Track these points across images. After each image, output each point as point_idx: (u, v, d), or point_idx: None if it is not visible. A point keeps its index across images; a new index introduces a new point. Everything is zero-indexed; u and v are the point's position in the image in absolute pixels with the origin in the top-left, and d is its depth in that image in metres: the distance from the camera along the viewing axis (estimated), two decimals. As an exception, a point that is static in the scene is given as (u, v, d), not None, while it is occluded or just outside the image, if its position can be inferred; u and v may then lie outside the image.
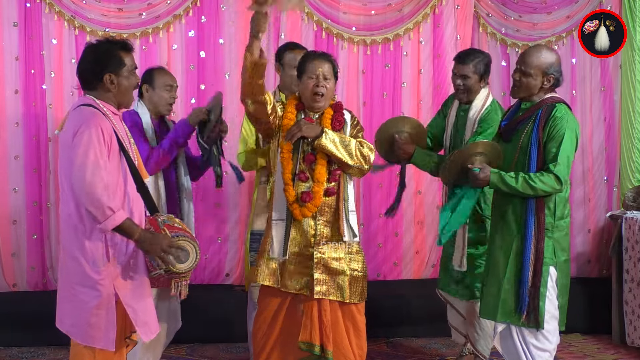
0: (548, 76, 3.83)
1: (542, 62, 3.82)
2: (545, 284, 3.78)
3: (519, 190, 3.75)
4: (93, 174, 3.04)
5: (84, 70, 3.23)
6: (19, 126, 5.71)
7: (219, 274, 5.97)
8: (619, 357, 5.25)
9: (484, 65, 4.49)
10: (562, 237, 3.86)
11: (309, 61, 3.92)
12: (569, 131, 3.74)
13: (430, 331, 5.62)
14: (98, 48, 3.22)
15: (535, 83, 3.82)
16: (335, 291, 3.86)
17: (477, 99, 4.49)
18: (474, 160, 3.83)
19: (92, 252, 3.13)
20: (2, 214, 5.70)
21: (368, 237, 6.05)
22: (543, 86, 3.84)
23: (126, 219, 3.09)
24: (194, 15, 5.88)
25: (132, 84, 3.27)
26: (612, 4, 6.18)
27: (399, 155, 4.41)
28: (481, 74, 4.48)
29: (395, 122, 4.52)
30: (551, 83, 3.85)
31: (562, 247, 3.85)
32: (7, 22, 5.69)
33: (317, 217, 3.87)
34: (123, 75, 3.22)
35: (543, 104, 3.83)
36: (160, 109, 4.18)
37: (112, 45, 3.23)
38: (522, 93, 3.87)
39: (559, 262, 3.83)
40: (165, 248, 3.13)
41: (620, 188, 6.26)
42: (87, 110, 3.15)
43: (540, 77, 3.82)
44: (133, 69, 3.27)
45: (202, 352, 5.30)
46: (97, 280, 3.13)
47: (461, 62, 4.49)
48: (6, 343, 5.35)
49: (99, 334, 3.15)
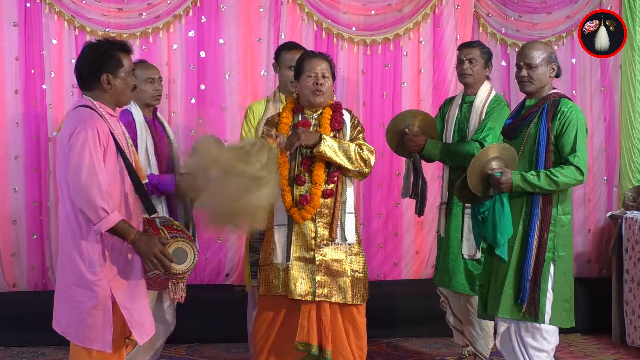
0: (551, 64, 3.86)
1: (542, 52, 3.84)
2: (546, 280, 3.77)
3: (543, 188, 3.73)
4: (88, 175, 3.04)
5: (82, 70, 3.24)
6: (19, 126, 5.71)
7: (219, 274, 5.97)
8: (619, 357, 5.25)
9: (488, 53, 4.68)
10: (564, 232, 3.83)
11: (306, 60, 3.92)
12: (580, 123, 3.77)
13: (430, 331, 5.62)
14: (97, 48, 3.23)
15: (545, 74, 3.84)
16: (337, 293, 3.86)
17: (481, 89, 4.63)
18: (491, 165, 3.77)
19: (89, 253, 3.12)
20: (2, 214, 5.70)
21: (368, 237, 6.04)
22: (551, 75, 3.87)
23: (120, 220, 3.08)
24: (194, 15, 5.88)
25: (129, 85, 3.27)
26: (612, 4, 6.18)
27: (410, 147, 4.49)
28: (486, 60, 4.64)
29: (403, 117, 4.64)
30: (555, 72, 3.88)
31: (563, 242, 3.83)
32: (7, 22, 5.69)
33: (317, 219, 3.87)
34: (120, 76, 3.22)
35: (548, 98, 3.83)
36: (147, 101, 4.19)
37: (111, 46, 3.23)
38: (532, 87, 3.86)
39: (558, 257, 3.81)
40: (157, 253, 3.13)
41: (620, 188, 6.26)
42: (84, 112, 3.15)
43: (546, 66, 3.84)
44: (131, 70, 3.27)
45: (202, 352, 5.30)
46: (94, 281, 3.12)
47: (468, 45, 4.68)
48: (6, 343, 5.34)
49: (95, 335, 3.14)
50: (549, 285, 3.79)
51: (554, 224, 3.79)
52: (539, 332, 3.81)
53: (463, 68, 4.63)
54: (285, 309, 3.90)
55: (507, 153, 3.81)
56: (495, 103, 4.58)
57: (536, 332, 3.82)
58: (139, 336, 3.24)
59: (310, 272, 3.84)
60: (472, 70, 4.60)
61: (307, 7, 5.95)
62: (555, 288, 3.81)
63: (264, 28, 5.94)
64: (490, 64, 4.68)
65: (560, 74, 3.92)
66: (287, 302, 3.88)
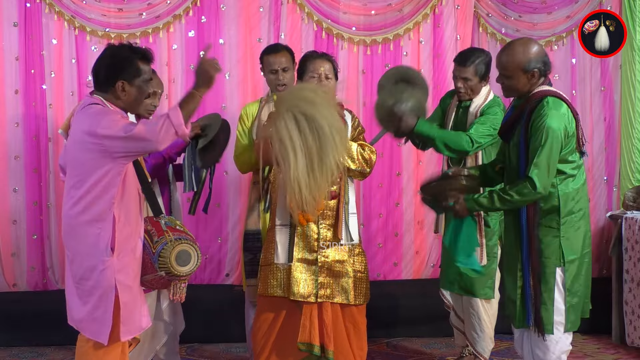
0: (530, 72, 3.58)
1: (518, 60, 3.58)
2: (551, 289, 3.59)
3: (500, 208, 3.63)
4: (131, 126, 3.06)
5: (99, 71, 3.23)
6: (19, 126, 5.71)
7: (219, 274, 5.97)
8: (619, 357, 5.25)
9: (484, 65, 4.50)
10: (573, 234, 3.62)
11: (309, 61, 3.93)
12: (548, 129, 3.48)
13: (430, 331, 5.62)
14: (117, 53, 3.22)
15: (518, 83, 3.61)
16: (339, 294, 3.86)
17: (478, 96, 4.53)
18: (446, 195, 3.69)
19: (96, 246, 3.15)
20: (2, 214, 5.70)
21: (368, 237, 6.04)
22: (530, 82, 3.61)
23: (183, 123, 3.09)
24: (194, 15, 5.88)
25: (143, 94, 3.27)
26: (612, 4, 6.18)
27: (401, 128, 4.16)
28: (482, 75, 4.49)
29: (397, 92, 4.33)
30: (537, 77, 3.60)
31: (572, 245, 3.61)
32: (7, 22, 5.69)
33: (320, 221, 3.87)
34: (136, 85, 3.21)
35: (531, 99, 3.60)
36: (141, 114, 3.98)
37: (132, 53, 3.22)
38: (511, 94, 3.73)
39: (567, 263, 3.60)
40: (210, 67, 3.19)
41: (620, 188, 6.26)
42: (97, 108, 3.16)
43: (522, 75, 3.59)
44: (148, 80, 3.26)
45: (202, 352, 5.30)
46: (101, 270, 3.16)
47: (462, 64, 4.48)
48: (6, 343, 5.34)
49: (101, 327, 3.19)
50: (557, 293, 3.60)
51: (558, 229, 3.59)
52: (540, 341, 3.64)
53: (457, 85, 4.53)
54: (286, 309, 3.90)
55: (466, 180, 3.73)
56: (489, 104, 4.48)
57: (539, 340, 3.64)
58: (125, 332, 3.25)
59: (313, 274, 3.84)
60: (466, 87, 4.49)
61: (307, 7, 5.95)
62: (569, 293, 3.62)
63: (264, 28, 5.94)
64: (487, 76, 4.52)
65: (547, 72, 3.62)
66: (288, 302, 3.88)
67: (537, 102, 3.58)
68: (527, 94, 3.64)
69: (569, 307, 3.64)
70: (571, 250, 3.63)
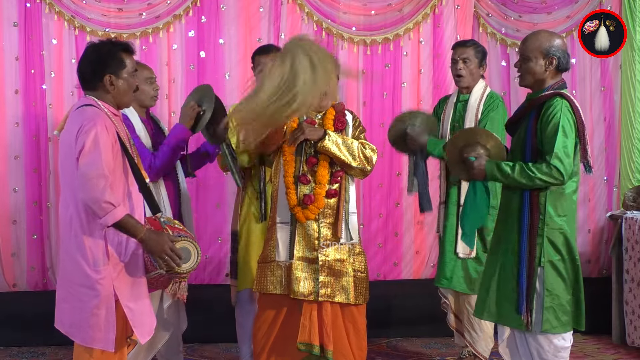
0: (549, 57, 3.62)
1: (540, 43, 3.62)
2: (534, 286, 3.59)
3: (517, 180, 3.56)
4: (97, 170, 3.03)
5: (85, 70, 3.24)
6: (19, 126, 5.71)
7: (219, 274, 5.97)
8: (619, 357, 5.25)
9: (482, 52, 4.67)
10: (556, 235, 3.60)
11: None
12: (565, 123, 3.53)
13: (430, 331, 5.62)
14: (100, 48, 3.23)
15: (536, 66, 3.63)
16: (340, 293, 3.86)
17: (476, 87, 4.62)
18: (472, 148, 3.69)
19: (92, 252, 3.12)
20: (2, 214, 5.71)
21: (368, 237, 6.04)
22: (547, 69, 3.63)
23: (126, 215, 3.07)
24: (194, 15, 5.88)
25: (131, 86, 3.27)
26: (612, 4, 6.19)
27: (412, 146, 4.42)
28: (480, 59, 4.63)
29: (403, 119, 4.55)
30: (554, 65, 3.64)
31: (555, 245, 3.61)
32: (7, 22, 5.69)
33: (320, 219, 3.87)
34: (123, 77, 3.22)
35: (543, 97, 3.63)
36: (146, 103, 4.17)
37: (114, 47, 3.23)
38: (526, 80, 3.70)
39: (549, 262, 3.59)
40: (167, 250, 3.12)
41: (620, 188, 6.26)
42: (89, 110, 3.15)
43: (541, 59, 3.62)
44: (133, 71, 3.27)
45: (202, 352, 5.31)
46: (97, 279, 3.12)
47: (461, 45, 4.66)
48: (6, 343, 5.35)
49: (98, 334, 3.14)
50: (537, 292, 3.59)
51: (542, 228, 3.58)
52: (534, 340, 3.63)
53: (457, 68, 4.62)
54: (286, 308, 3.89)
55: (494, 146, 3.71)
56: (490, 100, 4.56)
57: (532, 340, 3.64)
58: (140, 335, 3.24)
59: (313, 272, 3.84)
60: (466, 69, 4.59)
61: (307, 7, 5.95)
62: (547, 293, 3.60)
63: (264, 28, 5.95)
64: (484, 63, 4.67)
65: (566, 67, 3.67)
66: (288, 301, 3.88)
67: (549, 97, 3.61)
68: (540, 85, 3.66)
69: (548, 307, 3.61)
70: (553, 251, 3.62)
